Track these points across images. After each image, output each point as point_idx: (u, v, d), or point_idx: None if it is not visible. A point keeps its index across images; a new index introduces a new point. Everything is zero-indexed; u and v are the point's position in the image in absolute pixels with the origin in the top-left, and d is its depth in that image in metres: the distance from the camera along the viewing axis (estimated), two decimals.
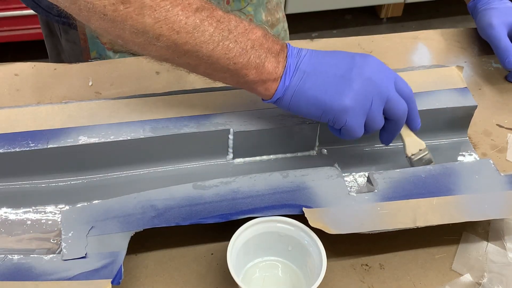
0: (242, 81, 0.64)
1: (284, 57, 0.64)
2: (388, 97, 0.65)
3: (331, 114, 0.64)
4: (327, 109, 0.64)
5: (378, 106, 0.64)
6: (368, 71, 0.64)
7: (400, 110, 0.66)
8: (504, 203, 0.66)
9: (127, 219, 0.62)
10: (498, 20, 0.86)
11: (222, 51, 0.61)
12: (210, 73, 0.65)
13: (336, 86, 0.63)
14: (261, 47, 0.63)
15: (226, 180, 0.66)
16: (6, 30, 2.00)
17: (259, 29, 0.64)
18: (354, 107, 0.63)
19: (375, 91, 0.64)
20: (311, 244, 0.61)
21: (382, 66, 0.66)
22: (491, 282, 0.64)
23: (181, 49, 0.61)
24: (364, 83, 0.63)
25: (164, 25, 0.59)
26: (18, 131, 0.69)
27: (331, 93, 0.63)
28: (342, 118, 0.64)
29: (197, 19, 0.60)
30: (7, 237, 0.66)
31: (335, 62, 0.64)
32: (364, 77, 0.63)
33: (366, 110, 0.64)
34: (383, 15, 2.45)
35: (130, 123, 0.71)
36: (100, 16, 0.59)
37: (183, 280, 0.64)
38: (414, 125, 0.70)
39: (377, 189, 0.66)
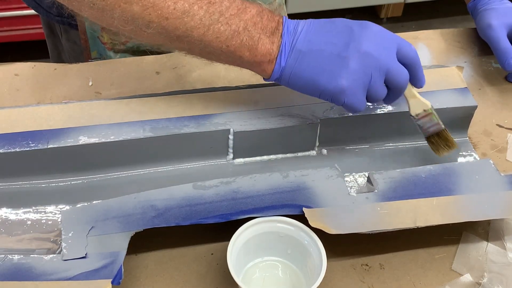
0: (238, 62, 0.63)
1: (279, 36, 0.62)
2: (388, 69, 0.63)
3: (328, 95, 0.63)
4: (324, 91, 0.63)
5: (378, 79, 0.63)
6: (366, 44, 0.62)
7: (401, 79, 0.64)
8: (504, 203, 0.66)
9: (127, 219, 0.62)
10: (497, 21, 0.86)
11: (214, 34, 0.60)
12: (205, 55, 0.64)
13: (332, 66, 0.62)
14: (255, 27, 0.61)
15: (226, 180, 0.66)
16: (6, 30, 2.00)
17: (254, 7, 0.62)
18: (351, 87, 0.62)
19: (374, 65, 0.62)
20: (311, 244, 0.61)
21: (381, 35, 0.64)
22: (491, 282, 0.64)
23: (172, 34, 0.60)
24: (362, 58, 0.62)
25: (152, 12, 0.59)
26: (18, 131, 0.69)
27: (327, 74, 0.62)
28: (340, 98, 0.63)
29: (186, 3, 0.59)
30: (7, 237, 0.66)
31: (331, 38, 0.63)
32: (361, 53, 0.62)
33: (366, 86, 0.63)
34: (383, 15, 2.45)
35: (130, 123, 0.71)
36: (89, 6, 0.59)
37: (183, 280, 0.64)
38: (418, 85, 0.68)
39: (377, 189, 0.66)
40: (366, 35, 0.62)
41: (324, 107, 0.75)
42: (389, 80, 0.64)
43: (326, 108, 0.74)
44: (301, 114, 0.74)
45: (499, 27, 0.86)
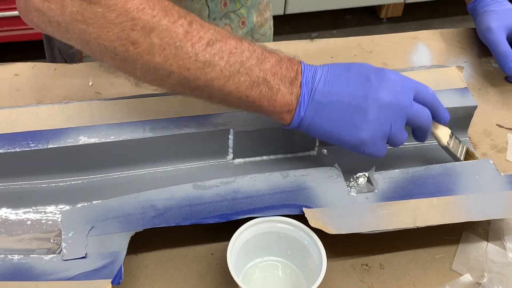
0: (258, 110, 0.64)
1: (298, 86, 0.62)
2: (407, 114, 0.63)
3: (349, 147, 0.64)
4: (344, 142, 0.63)
5: (399, 126, 0.63)
6: (385, 95, 0.62)
7: (424, 120, 0.65)
8: (504, 203, 0.66)
9: (127, 219, 0.62)
10: (496, 24, 0.86)
11: (234, 85, 0.60)
12: (225, 103, 0.64)
13: (351, 119, 0.62)
14: (274, 77, 0.61)
15: (226, 180, 0.66)
16: (6, 30, 2.00)
17: (273, 57, 0.62)
18: (371, 138, 0.62)
19: (394, 114, 0.62)
20: (311, 244, 0.61)
21: (399, 83, 0.63)
22: (491, 282, 0.64)
23: (192, 84, 0.61)
24: (381, 109, 0.62)
25: (174, 62, 0.59)
26: (18, 131, 0.69)
27: (347, 127, 0.62)
28: (361, 149, 0.63)
29: (207, 54, 0.59)
30: (7, 237, 0.66)
31: (349, 88, 0.62)
32: (380, 103, 0.62)
33: (386, 135, 0.63)
34: (383, 15, 2.45)
35: (130, 123, 0.71)
36: (111, 56, 0.59)
37: (183, 280, 0.64)
38: (442, 121, 0.69)
39: (377, 189, 0.66)
40: (383, 85, 0.62)
41: None
42: (411, 123, 0.65)
43: None
44: None
45: (498, 29, 0.85)
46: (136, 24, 0.57)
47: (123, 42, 0.57)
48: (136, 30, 0.57)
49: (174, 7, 0.59)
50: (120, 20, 0.56)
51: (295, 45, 0.92)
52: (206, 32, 0.59)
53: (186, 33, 0.58)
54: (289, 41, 0.93)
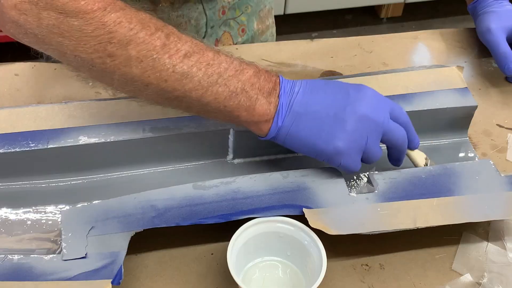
0: (236, 120, 0.64)
1: (276, 96, 0.63)
2: (384, 130, 0.64)
3: (325, 156, 0.64)
4: (321, 152, 0.63)
5: (374, 141, 0.64)
6: (362, 107, 0.63)
7: (399, 138, 0.66)
8: (504, 204, 0.66)
9: (127, 219, 0.62)
10: (496, 25, 0.86)
11: (212, 95, 0.61)
12: (203, 114, 0.65)
13: (328, 128, 0.63)
14: (252, 88, 0.62)
15: (226, 180, 0.66)
16: None
17: (251, 68, 0.63)
18: (348, 149, 0.63)
19: (370, 128, 0.63)
20: (311, 244, 0.61)
21: (376, 98, 0.64)
22: (491, 282, 0.64)
23: (170, 95, 0.61)
24: (358, 121, 0.62)
25: (151, 74, 0.59)
26: (18, 131, 0.69)
27: (324, 137, 0.63)
28: (336, 159, 0.64)
29: (184, 65, 0.59)
30: (7, 237, 0.66)
31: (328, 100, 0.63)
32: (358, 115, 0.62)
33: (362, 148, 0.64)
34: (383, 15, 2.45)
35: (130, 123, 0.71)
36: (89, 68, 0.60)
37: (183, 280, 0.64)
38: (413, 146, 0.69)
39: (377, 189, 0.66)
40: (361, 98, 0.63)
41: None
42: (387, 140, 0.65)
43: None
44: None
45: (498, 31, 0.85)
46: (113, 37, 0.57)
47: (100, 54, 0.58)
48: (113, 43, 0.57)
49: (151, 19, 0.59)
50: (97, 34, 0.57)
51: (295, 45, 0.92)
52: (183, 44, 0.60)
53: (164, 46, 0.58)
54: (289, 41, 0.93)
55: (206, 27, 0.91)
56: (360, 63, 0.90)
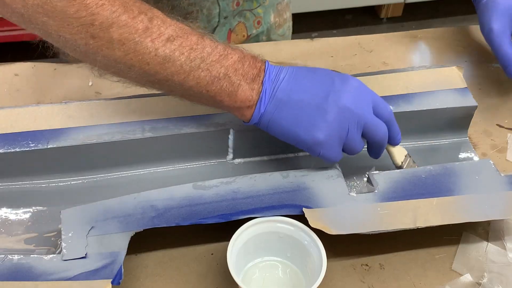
0: (219, 105, 0.64)
1: (260, 83, 0.63)
2: (365, 123, 0.64)
3: (305, 146, 0.64)
4: (301, 141, 0.63)
5: (355, 133, 0.64)
6: (345, 98, 0.62)
7: (379, 133, 0.65)
8: (504, 204, 0.66)
9: (127, 219, 0.62)
10: (499, 24, 0.82)
11: (194, 80, 0.61)
12: (187, 98, 0.65)
13: (309, 117, 0.62)
14: (236, 73, 0.62)
15: (226, 180, 0.66)
16: (6, 30, 2.00)
17: (236, 53, 0.63)
18: (328, 140, 0.63)
19: (351, 119, 0.63)
20: (311, 244, 0.61)
21: (360, 90, 0.64)
22: (491, 282, 0.64)
23: (153, 78, 0.61)
24: (340, 112, 0.62)
25: (134, 57, 0.59)
26: (18, 131, 0.69)
27: (305, 126, 0.62)
28: (316, 149, 0.63)
29: (167, 49, 0.60)
30: (7, 237, 0.66)
31: (312, 88, 0.63)
32: (340, 106, 0.62)
33: (342, 139, 0.64)
34: (383, 15, 2.45)
35: (130, 123, 0.71)
36: (73, 48, 0.60)
37: (183, 280, 0.64)
38: (394, 142, 0.69)
39: (377, 189, 0.66)
40: (345, 89, 0.63)
41: None
42: (367, 134, 0.65)
43: None
44: None
45: (501, 30, 0.82)
46: (95, 20, 0.57)
47: (83, 35, 0.58)
48: (95, 25, 0.57)
49: (135, 2, 0.60)
50: (79, 15, 0.57)
51: (295, 45, 0.92)
52: (167, 28, 0.60)
53: (146, 29, 0.59)
54: (289, 41, 0.93)
55: (219, 17, 0.90)
56: (360, 63, 0.90)
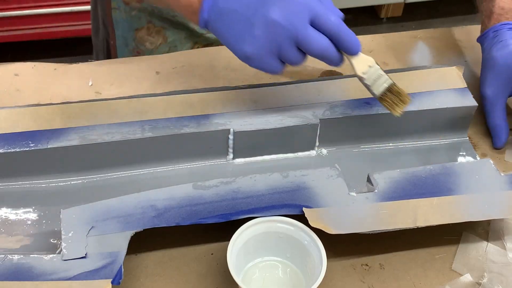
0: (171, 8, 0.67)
1: None
2: (296, 37, 0.61)
3: (238, 57, 0.64)
4: (234, 52, 0.63)
5: (288, 46, 0.62)
6: (274, 12, 0.60)
7: (314, 47, 0.62)
8: (504, 203, 0.66)
9: (127, 219, 0.62)
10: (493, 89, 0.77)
11: None
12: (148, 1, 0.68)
13: (240, 30, 0.62)
14: None
15: (226, 180, 0.66)
16: (6, 30, 2.00)
17: None
18: (256, 54, 0.62)
19: (282, 34, 0.61)
20: (311, 244, 0.61)
21: (296, 3, 0.61)
22: (491, 282, 0.64)
23: None
24: (268, 26, 0.61)
25: None
26: (18, 131, 0.69)
27: (235, 37, 0.62)
28: (247, 62, 0.63)
29: None
30: (7, 237, 0.66)
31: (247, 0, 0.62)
32: (268, 20, 0.60)
33: (274, 53, 0.62)
34: (383, 15, 2.45)
35: (130, 123, 0.71)
36: None
37: (183, 280, 0.64)
38: (349, 51, 0.65)
39: (377, 189, 0.66)
40: (277, 2, 0.61)
41: (324, 107, 0.75)
42: (303, 48, 0.62)
43: (326, 108, 0.74)
44: (301, 114, 0.74)
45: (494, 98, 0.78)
46: None
47: None
48: None
49: None
50: None
51: None
52: None
53: None
54: None
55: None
56: None
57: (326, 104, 0.75)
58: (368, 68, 0.67)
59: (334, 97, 0.76)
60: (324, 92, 0.76)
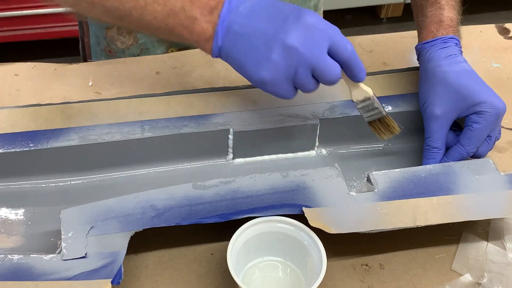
0: (182, 40, 0.64)
1: (216, 15, 0.62)
2: (313, 65, 0.61)
3: (253, 83, 0.63)
4: (249, 79, 0.63)
5: (303, 74, 0.62)
6: (293, 38, 0.60)
7: (328, 76, 0.61)
8: (504, 203, 0.66)
9: (127, 219, 0.62)
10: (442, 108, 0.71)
11: (151, 14, 0.62)
12: (152, 34, 0.66)
13: (257, 54, 0.61)
14: (192, 6, 0.62)
15: (226, 180, 0.66)
16: (6, 30, 2.00)
17: None
18: (272, 79, 0.61)
19: (298, 60, 0.61)
20: (311, 244, 0.61)
21: (315, 28, 0.61)
22: (491, 282, 0.64)
23: (115, 14, 0.63)
24: (285, 52, 0.60)
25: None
26: (18, 131, 0.69)
27: (252, 62, 0.61)
28: (263, 88, 0.63)
29: None
30: (7, 237, 0.66)
31: (265, 24, 0.61)
32: (286, 46, 0.60)
33: (290, 78, 0.62)
34: (383, 15, 2.45)
35: (130, 123, 0.71)
36: None
37: (183, 280, 0.64)
38: (355, 79, 0.65)
39: (377, 188, 0.66)
40: (297, 28, 0.60)
41: (324, 107, 0.75)
42: (316, 75, 0.62)
43: (326, 108, 0.74)
44: (301, 114, 0.74)
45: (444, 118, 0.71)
46: None
47: None
48: None
49: None
50: None
51: None
52: None
53: None
54: None
55: None
56: None
57: (326, 104, 0.75)
58: (364, 98, 0.68)
59: (334, 97, 0.76)
60: (324, 92, 0.76)
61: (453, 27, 0.75)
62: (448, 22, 0.74)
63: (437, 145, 0.72)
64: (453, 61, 0.72)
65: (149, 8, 0.62)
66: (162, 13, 0.62)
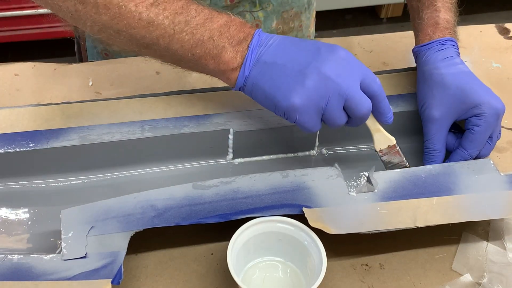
0: (206, 70, 0.65)
1: (245, 46, 0.63)
2: (347, 96, 0.61)
3: (281, 111, 0.63)
4: (278, 105, 0.62)
5: (336, 104, 0.62)
6: (328, 67, 0.61)
7: (361, 108, 0.62)
8: (504, 203, 0.66)
9: (127, 219, 0.62)
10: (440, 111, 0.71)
11: (178, 43, 0.62)
12: (176, 63, 0.66)
13: (289, 82, 0.61)
14: (221, 36, 0.62)
15: (226, 180, 0.66)
16: (6, 30, 2.00)
17: (222, 17, 0.63)
18: (304, 106, 0.61)
19: (332, 89, 0.61)
20: (311, 244, 0.61)
21: (347, 62, 0.62)
22: (491, 282, 0.64)
23: (141, 42, 0.63)
24: (320, 80, 0.61)
25: (120, 21, 0.61)
26: (18, 131, 0.69)
27: (283, 90, 0.61)
28: (292, 115, 0.62)
29: (151, 13, 0.61)
30: (7, 237, 0.66)
31: (297, 55, 0.62)
32: (321, 74, 0.61)
33: (321, 108, 0.62)
34: (383, 15, 2.45)
35: (130, 123, 0.71)
36: (67, 15, 0.63)
37: (183, 280, 0.64)
38: (383, 120, 0.66)
39: (377, 189, 0.66)
40: (330, 58, 0.61)
41: None
42: (348, 108, 0.62)
43: None
44: None
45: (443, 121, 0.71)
46: None
47: (73, 2, 0.61)
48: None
49: None
50: None
51: None
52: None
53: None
54: None
55: None
56: None
57: None
58: (386, 147, 0.69)
59: None
60: None
61: (450, 29, 0.75)
62: (445, 24, 0.75)
63: (437, 147, 0.72)
64: (450, 63, 0.72)
65: (177, 37, 0.62)
66: (190, 42, 0.62)
